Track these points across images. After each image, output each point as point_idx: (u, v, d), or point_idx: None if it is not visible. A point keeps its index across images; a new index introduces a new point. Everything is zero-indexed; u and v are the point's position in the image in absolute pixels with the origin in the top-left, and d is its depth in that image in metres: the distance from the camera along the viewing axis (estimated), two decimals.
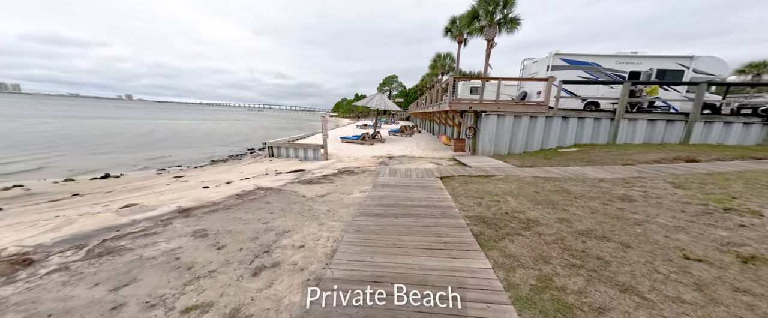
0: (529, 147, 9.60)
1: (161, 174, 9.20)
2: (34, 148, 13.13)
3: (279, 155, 12.17)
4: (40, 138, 16.66)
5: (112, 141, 17.38)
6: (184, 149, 15.97)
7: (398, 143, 14.76)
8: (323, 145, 10.85)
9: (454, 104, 9.45)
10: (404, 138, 17.74)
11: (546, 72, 11.36)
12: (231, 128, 33.31)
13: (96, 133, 20.86)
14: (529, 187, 4.66)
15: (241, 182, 6.95)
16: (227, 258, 2.61)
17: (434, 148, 12.86)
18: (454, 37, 22.22)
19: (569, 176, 5.50)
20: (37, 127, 22.65)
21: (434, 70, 32.06)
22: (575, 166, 6.50)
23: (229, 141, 20.50)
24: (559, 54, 11.33)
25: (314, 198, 4.83)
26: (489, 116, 9.40)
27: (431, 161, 9.14)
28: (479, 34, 17.49)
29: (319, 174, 7.48)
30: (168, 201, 5.25)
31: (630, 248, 2.36)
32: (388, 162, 9.12)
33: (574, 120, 9.33)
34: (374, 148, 12.73)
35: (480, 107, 9.33)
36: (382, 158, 10.21)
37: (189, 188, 6.43)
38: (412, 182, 5.42)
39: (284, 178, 7.29)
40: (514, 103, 9.21)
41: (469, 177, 5.77)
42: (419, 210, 3.67)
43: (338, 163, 9.62)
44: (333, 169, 8.13)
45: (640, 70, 11.16)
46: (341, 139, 14.75)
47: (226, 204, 4.61)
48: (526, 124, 9.38)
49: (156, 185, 6.96)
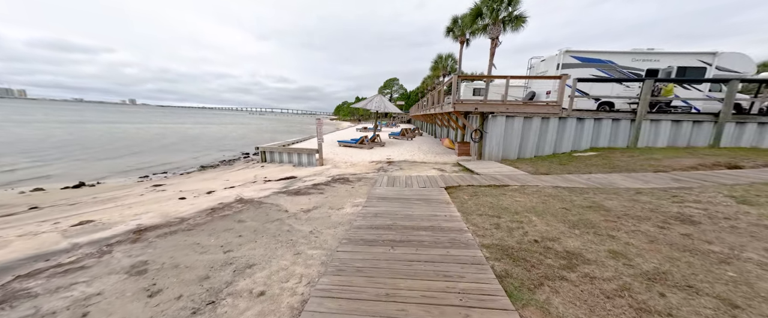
0: (540, 151, 8.82)
1: (142, 182, 8.51)
2: (33, 153, 12.54)
3: (272, 160, 11.46)
4: (41, 143, 16.10)
5: (112, 146, 16.79)
6: (178, 153, 15.33)
7: (399, 147, 14.03)
8: (318, 150, 10.13)
9: (458, 105, 8.72)
10: (405, 141, 17.01)
11: (556, 71, 10.63)
12: (230, 132, 32.75)
13: (98, 138, 20.34)
14: (553, 201, 3.89)
15: (223, 192, 6.23)
16: (153, 315, 1.86)
17: (437, 152, 12.11)
18: (455, 38, 21.57)
19: (596, 186, 4.72)
20: (38, 133, 22.15)
21: (436, 71, 31.41)
22: (599, 174, 5.71)
23: (224, 145, 19.85)
24: (570, 51, 10.60)
25: (297, 214, 4.08)
26: (496, 118, 8.64)
27: (434, 167, 8.38)
28: (483, 33, 16.82)
29: (310, 182, 6.75)
30: (131, 216, 4.53)
31: (738, 309, 1.59)
32: (387, 168, 8.37)
33: (590, 121, 8.55)
34: (373, 153, 11.99)
35: (486, 108, 8.58)
36: (381, 163, 9.46)
37: (162, 200, 5.71)
38: (413, 194, 4.66)
39: (271, 186, 6.57)
40: (524, 104, 8.47)
41: (479, 187, 5.00)
42: (422, 235, 2.91)
43: (333, 169, 8.89)
44: (326, 177, 7.40)
45: (658, 67, 10.39)
46: (339, 142, 14.04)
47: (192, 222, 3.88)
48: (538, 126, 8.61)
49: (129, 196, 6.26)
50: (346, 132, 24.38)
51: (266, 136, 28.40)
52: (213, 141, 22.51)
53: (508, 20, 15.06)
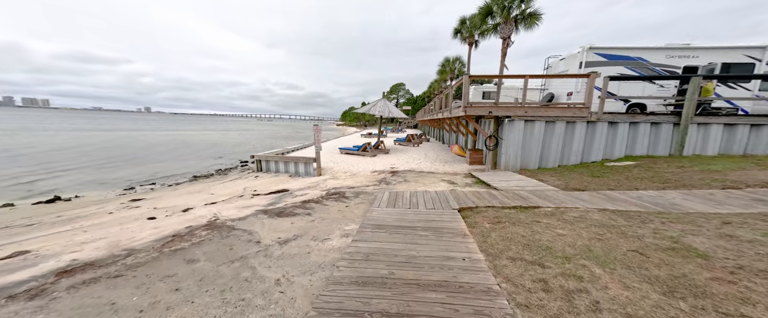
0: (565, 160, 7.73)
1: (123, 195, 7.82)
2: (49, 163, 12.23)
3: (268, 170, 10.68)
4: (55, 152, 15.92)
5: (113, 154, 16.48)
6: (176, 162, 14.81)
7: (404, 154, 13.08)
8: (315, 159, 9.29)
9: (469, 109, 7.75)
10: (411, 148, 16.06)
11: (578, 69, 9.56)
12: (234, 138, 32.49)
13: (101, 146, 20.22)
14: (612, 235, 2.87)
15: (200, 211, 5.41)
16: None
17: (445, 160, 11.10)
18: (464, 39, 20.68)
19: (656, 209, 3.66)
20: (56, 140, 22.25)
21: (443, 75, 30.48)
22: (649, 191, 4.62)
23: (225, 152, 19.32)
24: (594, 48, 9.52)
25: (270, 248, 3.18)
26: (514, 122, 7.63)
27: (443, 178, 7.39)
28: (493, 34, 15.86)
29: (301, 198, 5.88)
30: (75, 246, 3.73)
31: None
32: (390, 180, 7.43)
33: (624, 126, 7.43)
34: (376, 161, 11.08)
35: (502, 111, 7.58)
36: (384, 174, 8.53)
37: (127, 221, 4.92)
38: (418, 219, 3.70)
39: (256, 203, 5.72)
40: (546, 106, 7.43)
41: (502, 209, 4.00)
42: (431, 299, 1.95)
43: (331, 180, 8.01)
44: (320, 190, 6.51)
45: (697, 64, 9.19)
46: (340, 150, 13.20)
47: (133, 260, 3.02)
48: (561, 132, 7.54)
49: (96, 215, 5.53)
50: (349, 138, 23.61)
51: (269, 142, 27.93)
52: (215, 148, 22.08)
53: (521, 18, 14.08)
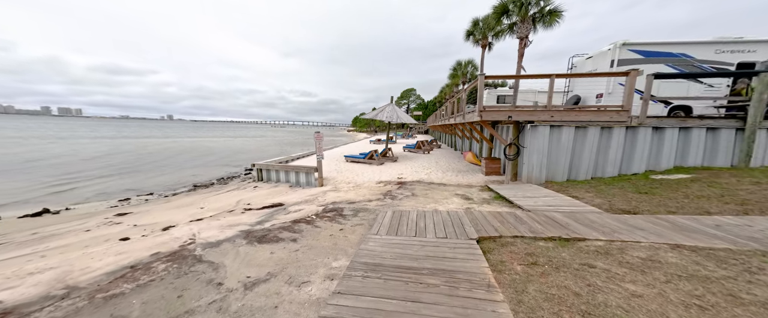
0: (600, 171, 6.67)
1: (114, 207, 7.42)
2: (78, 172, 12.38)
3: (268, 179, 10.13)
4: (86, 160, 16.29)
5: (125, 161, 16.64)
6: (182, 170, 14.65)
7: (413, 162, 12.23)
8: (317, 168, 8.63)
9: (484, 113, 6.87)
10: (421, 155, 15.19)
11: (610, 68, 8.49)
12: (246, 145, 32.69)
13: (119, 153, 20.70)
14: (717, 296, 1.95)
15: (179, 230, 4.81)
16: None
17: (458, 170, 10.17)
18: (476, 42, 19.78)
19: (756, 246, 2.67)
20: (86, 149, 23.01)
21: (454, 79, 29.53)
22: (729, 216, 3.58)
23: (232, 159, 19.14)
24: (628, 44, 8.45)
25: (231, 294, 2.45)
26: (537, 128, 6.68)
27: (457, 192, 6.50)
28: (509, 34, 14.91)
29: (293, 215, 5.17)
30: (19, 277, 3.18)
31: None
32: (396, 193, 6.61)
33: (672, 131, 6.32)
34: (383, 170, 10.30)
35: (523, 116, 6.66)
36: (390, 185, 7.73)
37: (96, 242, 4.37)
38: (425, 254, 2.88)
39: (243, 221, 5.07)
40: (577, 110, 6.44)
41: (535, 241, 3.10)
42: None
43: (331, 192, 7.29)
44: (316, 206, 5.79)
45: (754, 60, 7.92)
46: (346, 158, 12.53)
47: (53, 313, 2.36)
48: (595, 139, 6.51)
49: (72, 232, 5.05)
50: (357, 145, 23.01)
51: (276, 149, 27.78)
52: (225, 155, 22.04)
53: (540, 17, 13.09)
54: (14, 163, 14.52)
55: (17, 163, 14.55)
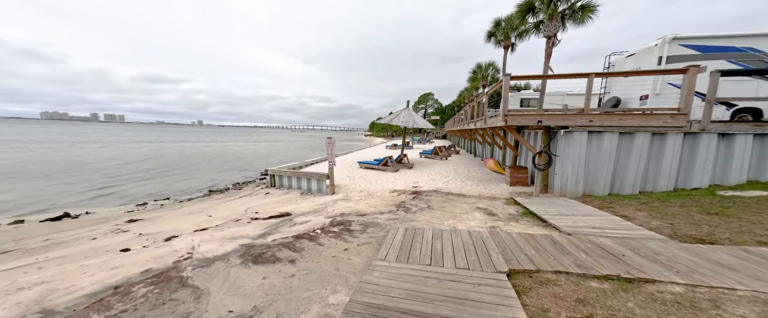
0: (650, 184, 5.72)
1: (131, 212, 7.49)
2: (118, 175, 13.20)
3: (281, 185, 9.96)
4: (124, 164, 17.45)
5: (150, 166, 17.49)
6: (202, 173, 15.03)
7: (430, 169, 11.59)
8: (328, 176, 8.29)
9: (510, 118, 6.17)
10: (438, 161, 14.49)
11: (656, 66, 7.47)
12: (266, 149, 33.52)
13: (180, 156, 22.12)
14: None
15: (183, 240, 4.58)
16: None
17: (479, 178, 9.40)
18: (498, 43, 18.83)
19: None
20: (133, 151, 24.74)
21: (474, 83, 28.46)
22: None
23: (250, 164, 19.47)
24: (679, 38, 7.40)
25: None
26: (572, 134, 5.88)
27: (478, 204, 5.82)
28: (535, 33, 13.94)
29: (297, 229, 4.79)
30: (6, 293, 2.99)
31: None
32: (410, 205, 6.05)
33: (745, 139, 5.28)
34: (397, 178, 9.78)
35: (556, 120, 5.89)
36: (405, 195, 7.18)
37: (96, 254, 4.22)
38: (442, 293, 2.32)
39: (246, 233, 4.76)
40: (621, 114, 5.57)
41: (586, 280, 2.44)
42: None
43: (342, 201, 6.88)
44: (324, 218, 5.38)
45: None
46: (359, 164, 12.15)
47: None
48: (644, 146, 5.60)
49: (78, 240, 5.01)
50: (373, 150, 22.65)
51: (294, 153, 28.13)
52: (244, 159, 22.58)
53: (570, 13, 12.07)
54: (72, 165, 15.61)
55: (76, 165, 15.62)
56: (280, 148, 36.73)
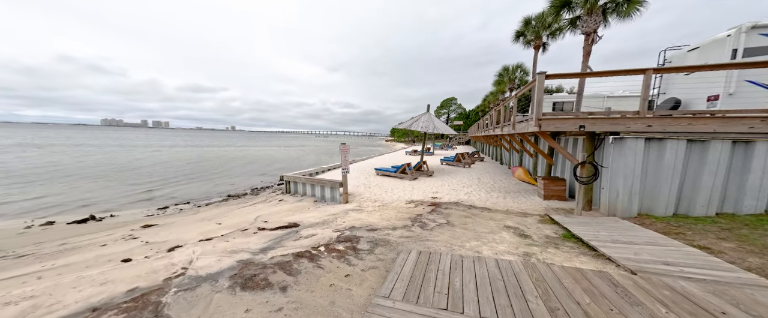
0: (732, 204, 4.58)
1: (151, 216, 7.63)
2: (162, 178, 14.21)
3: (296, 192, 9.75)
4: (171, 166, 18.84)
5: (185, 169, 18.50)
6: (226, 177, 15.48)
7: (452, 177, 10.79)
8: (342, 184, 7.89)
9: (544, 122, 5.34)
10: (461, 169, 13.59)
11: (729, 60, 6.21)
12: (289, 153, 34.41)
13: (221, 160, 23.73)
14: None
15: (184, 252, 4.36)
16: None
17: (506, 190, 8.46)
18: (528, 43, 17.57)
19: None
20: (182, 155, 26.86)
21: (500, 86, 26.95)
22: None
23: (270, 169, 19.82)
24: (759, 27, 6.12)
25: None
26: (624, 142, 4.92)
27: (506, 222, 5.02)
28: (570, 30, 12.70)
29: (301, 244, 4.37)
30: None
31: None
32: (427, 220, 5.41)
33: None
34: (415, 186, 9.14)
35: (604, 125, 4.96)
36: (422, 206, 6.54)
37: (99, 263, 4.11)
38: None
39: (248, 247, 4.43)
40: (690, 117, 4.52)
41: None
42: None
43: (353, 212, 6.40)
44: (332, 231, 4.92)
45: None
46: (376, 171, 11.66)
47: None
48: (723, 158, 4.50)
49: (88, 247, 5.01)
50: (392, 156, 22.11)
51: (315, 158, 28.43)
52: (266, 163, 23.15)
53: (613, 6, 10.78)
54: (124, 168, 16.97)
55: (127, 168, 16.96)
56: (302, 152, 37.55)
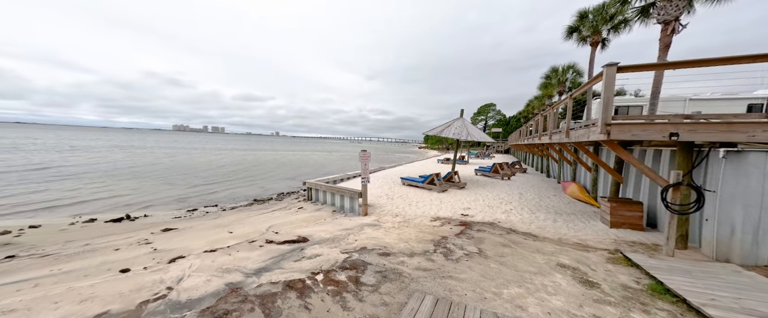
0: None
1: (177, 219, 7.82)
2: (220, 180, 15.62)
3: (316, 199, 9.38)
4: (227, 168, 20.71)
5: (231, 171, 19.87)
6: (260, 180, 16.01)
7: (487, 191, 9.45)
8: (361, 194, 7.24)
9: (615, 128, 4.04)
10: (498, 181, 12.05)
11: None
12: (321, 158, 35.28)
13: (274, 163, 25.94)
14: None
15: (181, 265, 4.05)
16: None
17: (557, 210, 6.97)
18: (582, 39, 15.34)
19: None
20: (245, 158, 29.72)
21: (547, 89, 24.20)
22: None
23: (300, 173, 20.16)
24: None
25: None
26: (745, 157, 3.44)
27: (561, 259, 3.80)
28: (640, 20, 10.58)
29: (299, 268, 3.76)
30: None
31: None
32: (454, 246, 4.42)
33: None
34: (443, 200, 8.09)
35: (711, 133, 3.52)
36: (448, 226, 5.53)
37: (100, 271, 3.97)
38: None
39: (247, 264, 3.96)
40: None
41: None
42: None
43: (369, 229, 5.66)
44: (337, 254, 4.24)
45: None
46: (402, 180, 10.82)
47: None
48: None
49: (103, 250, 5.04)
50: (423, 164, 20.97)
51: (345, 164, 28.49)
52: (297, 168, 23.74)
53: None
54: (187, 168, 18.94)
55: (190, 169, 18.92)
56: (334, 158, 38.22)
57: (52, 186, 11.38)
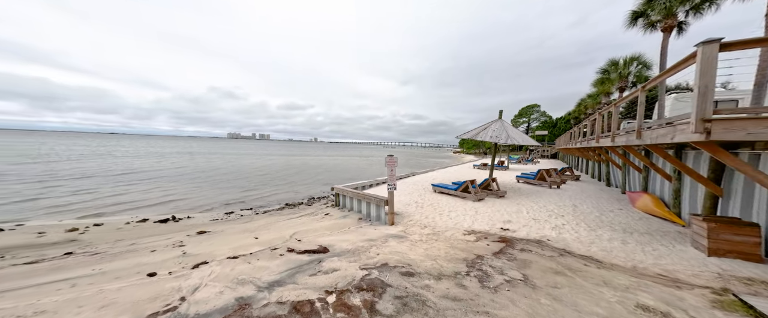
0: None
1: (215, 221, 8.22)
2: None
3: (343, 205, 9.18)
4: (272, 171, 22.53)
5: (277, 174, 21.15)
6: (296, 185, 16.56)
7: (531, 201, 8.26)
8: (387, 202, 6.79)
9: (718, 125, 2.98)
10: (545, 190, 10.61)
11: None
12: (356, 163, 35.77)
13: (312, 167, 27.54)
14: None
15: (203, 272, 4.02)
16: None
17: (625, 227, 5.67)
18: (650, 26, 13.07)
19: None
20: (290, 162, 32.42)
21: (604, 86, 21.20)
22: None
23: (332, 178, 20.45)
24: None
25: None
26: None
27: (639, 300, 2.86)
28: None
29: (310, 286, 3.43)
30: None
31: None
32: (491, 269, 3.70)
33: None
34: (479, 210, 7.23)
35: None
36: (485, 242, 4.76)
37: (129, 274, 4.12)
38: None
39: (262, 276, 3.77)
40: None
41: None
42: None
43: (393, 241, 5.15)
44: (355, 270, 3.83)
45: None
46: (433, 187, 10.11)
47: None
48: None
49: (142, 250, 5.33)
50: (457, 169, 19.76)
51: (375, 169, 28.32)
52: (332, 172, 24.21)
53: None
54: (239, 172, 20.90)
55: (242, 173, 20.84)
56: (368, 162, 38.47)
57: (132, 188, 13.01)
